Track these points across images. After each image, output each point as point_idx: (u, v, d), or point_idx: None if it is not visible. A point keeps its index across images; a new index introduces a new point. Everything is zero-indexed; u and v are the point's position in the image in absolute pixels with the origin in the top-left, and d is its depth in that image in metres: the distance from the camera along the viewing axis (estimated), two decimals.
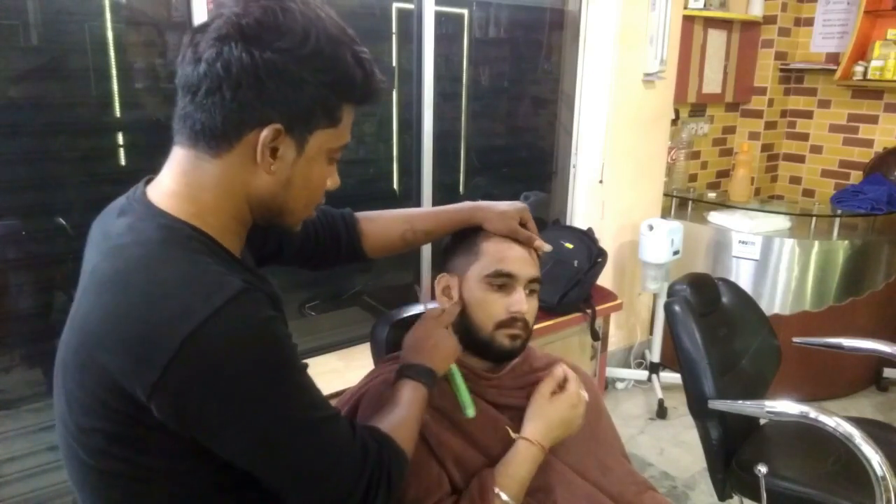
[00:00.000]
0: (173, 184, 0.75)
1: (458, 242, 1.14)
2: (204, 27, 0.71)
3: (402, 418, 0.88)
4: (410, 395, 0.93)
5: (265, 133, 0.71)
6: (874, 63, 3.17)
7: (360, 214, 1.14)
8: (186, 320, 0.64)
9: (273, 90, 0.70)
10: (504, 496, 0.97)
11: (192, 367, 0.64)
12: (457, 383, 1.05)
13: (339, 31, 0.74)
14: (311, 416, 0.73)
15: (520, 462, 1.01)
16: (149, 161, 1.91)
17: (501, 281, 1.07)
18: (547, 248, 1.14)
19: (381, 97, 0.80)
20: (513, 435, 1.03)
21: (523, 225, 1.11)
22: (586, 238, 2.47)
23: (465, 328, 1.09)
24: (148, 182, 0.79)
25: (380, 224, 1.14)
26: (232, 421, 0.67)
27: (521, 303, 1.07)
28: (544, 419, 1.04)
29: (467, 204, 1.14)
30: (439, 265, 1.17)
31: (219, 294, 0.66)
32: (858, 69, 3.23)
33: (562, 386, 1.09)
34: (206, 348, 0.64)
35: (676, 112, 3.23)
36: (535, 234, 1.12)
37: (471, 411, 1.03)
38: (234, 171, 0.73)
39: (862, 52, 3.26)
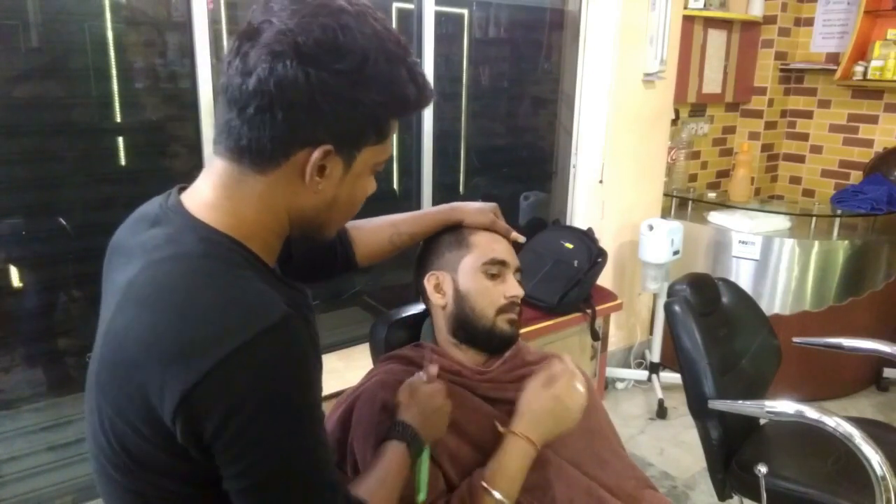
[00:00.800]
0: (213, 195, 0.72)
1: (440, 241, 1.16)
2: (253, 35, 0.67)
3: (389, 491, 0.87)
4: (402, 471, 0.90)
5: (315, 155, 0.69)
6: (874, 63, 3.17)
7: (347, 224, 1.14)
8: (218, 345, 0.62)
9: (327, 112, 0.67)
10: (497, 494, 0.96)
11: (216, 390, 0.62)
12: (422, 466, 0.98)
13: (396, 45, 0.71)
14: (313, 477, 0.70)
15: (508, 457, 0.99)
16: (148, 161, 1.92)
17: (496, 269, 1.12)
18: (521, 238, 1.22)
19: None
20: (500, 429, 1.02)
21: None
22: (586, 238, 2.47)
23: (463, 320, 1.12)
24: (181, 190, 0.77)
25: (367, 231, 1.17)
26: (242, 447, 0.65)
27: (517, 287, 1.14)
28: (530, 412, 1.03)
29: (445, 205, 1.20)
30: (419, 268, 1.19)
31: (256, 321, 0.64)
32: (858, 69, 3.23)
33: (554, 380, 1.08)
34: (232, 377, 0.62)
35: (676, 112, 3.23)
36: (507, 226, 1.20)
37: (422, 496, 0.97)
38: (278, 188, 0.71)
39: (862, 52, 3.26)
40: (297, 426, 0.67)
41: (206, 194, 0.73)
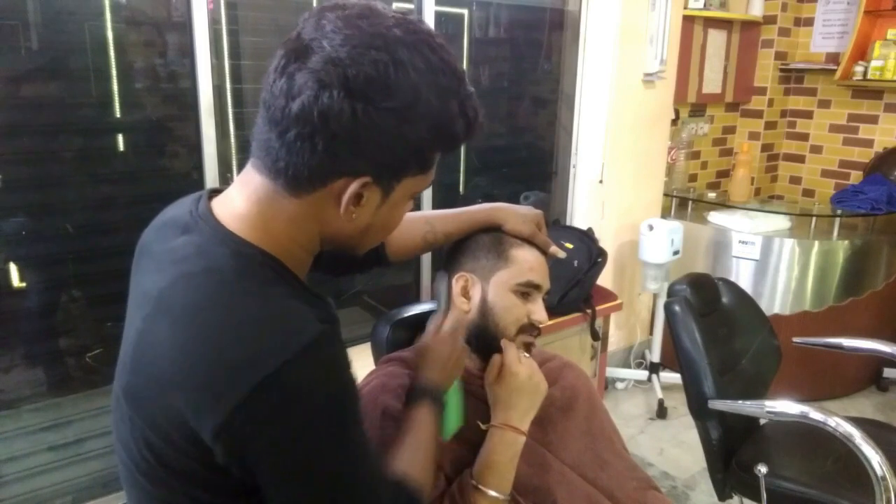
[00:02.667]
0: (246, 208, 0.71)
1: (478, 242, 1.12)
2: (301, 55, 0.64)
3: (426, 455, 0.88)
4: (430, 427, 0.91)
5: (353, 186, 0.67)
6: (874, 63, 3.17)
7: None
8: (259, 366, 0.61)
9: (370, 146, 0.65)
10: (490, 491, 0.95)
11: (259, 414, 0.61)
12: (457, 399, 1.02)
13: (450, 77, 0.68)
14: (362, 475, 0.71)
15: (493, 449, 0.98)
16: (149, 161, 1.92)
17: (528, 290, 1.09)
18: (561, 254, 1.17)
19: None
20: (482, 426, 1.01)
21: (538, 229, 1.14)
22: (586, 238, 2.47)
23: (483, 331, 1.09)
24: (211, 195, 0.76)
25: (401, 227, 1.14)
26: (286, 467, 0.65)
27: (543, 313, 1.10)
28: (500, 401, 1.02)
29: (486, 205, 1.15)
30: (449, 262, 1.15)
31: (295, 340, 0.63)
32: (858, 69, 3.23)
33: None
34: (273, 399, 0.61)
35: (676, 112, 3.22)
36: (548, 239, 1.15)
37: (452, 430, 1.00)
38: (312, 210, 0.70)
39: (862, 52, 3.26)
40: (342, 440, 0.67)
41: (239, 206, 0.71)
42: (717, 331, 1.76)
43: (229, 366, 0.62)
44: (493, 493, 0.95)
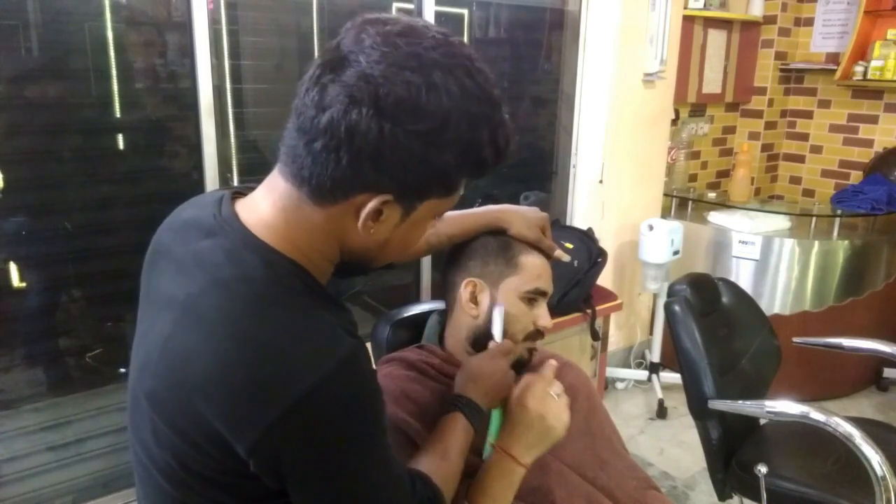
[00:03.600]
0: (272, 215, 0.71)
1: (486, 247, 1.11)
2: (337, 67, 0.64)
3: (449, 464, 0.88)
4: (463, 441, 0.92)
5: (372, 203, 0.67)
6: (874, 63, 3.17)
7: None
8: (296, 383, 0.62)
9: (394, 166, 0.65)
10: None
11: (296, 430, 0.63)
12: (498, 423, 1.00)
13: (485, 104, 0.67)
14: (388, 479, 0.73)
15: (489, 473, 0.95)
16: (149, 161, 1.92)
17: (536, 297, 1.09)
18: (566, 258, 1.17)
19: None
20: (489, 441, 0.98)
21: (542, 232, 1.14)
22: (586, 238, 2.47)
23: (486, 336, 1.08)
24: (233, 196, 0.76)
25: None
26: (319, 478, 0.67)
27: (548, 317, 1.10)
28: (508, 424, 0.98)
29: (491, 207, 1.14)
30: (453, 265, 1.14)
31: (330, 356, 0.64)
32: (858, 69, 3.23)
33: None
34: (312, 413, 0.63)
35: (676, 112, 3.22)
36: (553, 243, 1.15)
37: (489, 453, 0.97)
38: (333, 221, 0.70)
39: (862, 52, 3.26)
40: (372, 449, 0.69)
41: (265, 212, 0.71)
42: (717, 331, 1.76)
43: (266, 382, 0.63)
44: None
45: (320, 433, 0.64)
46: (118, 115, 1.84)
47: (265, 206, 0.72)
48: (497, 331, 1.03)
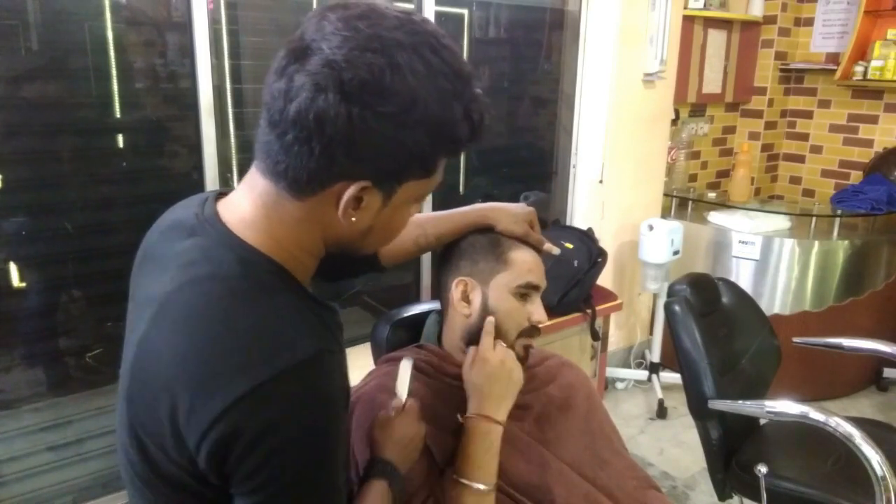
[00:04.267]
0: (252, 213, 0.71)
1: (474, 246, 1.11)
2: (301, 56, 0.63)
3: None
4: (383, 501, 0.89)
5: (351, 190, 0.66)
6: (874, 63, 3.17)
7: None
8: (246, 376, 0.61)
9: (367, 150, 0.64)
10: (475, 485, 0.93)
11: (239, 424, 0.61)
12: None
13: (453, 79, 0.66)
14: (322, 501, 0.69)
15: (469, 441, 0.96)
16: (149, 161, 1.92)
17: (528, 291, 1.09)
18: (556, 251, 1.17)
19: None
20: (460, 419, 1.00)
21: (531, 227, 1.13)
22: (586, 238, 2.47)
23: (480, 334, 1.07)
24: (218, 197, 0.75)
25: None
26: (255, 488, 0.64)
27: (543, 313, 1.10)
28: (474, 390, 1.00)
29: (476, 206, 1.14)
30: (444, 266, 1.14)
31: (286, 356, 0.63)
32: (858, 69, 3.23)
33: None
34: (257, 409, 0.61)
35: (676, 112, 3.22)
36: (541, 237, 1.14)
37: None
38: (314, 213, 0.70)
39: (862, 52, 3.26)
40: (316, 467, 0.66)
41: (245, 210, 0.71)
42: (717, 331, 1.76)
43: (221, 373, 0.62)
44: (476, 485, 0.94)
45: (263, 431, 0.62)
46: (118, 115, 1.84)
47: (245, 205, 0.71)
48: (403, 388, 0.96)
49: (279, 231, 0.70)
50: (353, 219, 0.70)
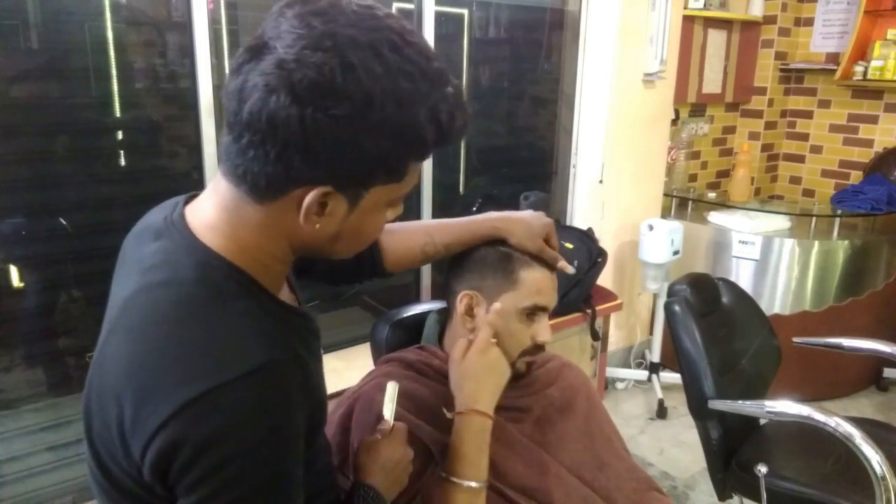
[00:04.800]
0: (214, 216, 0.68)
1: (485, 259, 1.07)
2: (257, 54, 0.60)
3: None
4: None
5: (311, 196, 0.63)
6: (874, 63, 3.17)
7: None
8: (189, 387, 0.59)
9: (324, 155, 0.61)
10: (465, 483, 0.91)
11: (182, 434, 0.59)
12: None
13: (416, 79, 0.62)
14: None
15: (462, 438, 0.94)
16: (148, 161, 1.92)
17: (535, 312, 1.06)
18: (570, 270, 1.12)
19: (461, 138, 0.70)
20: (447, 415, 0.97)
21: (547, 242, 1.08)
22: (586, 238, 2.47)
23: None
24: (189, 200, 0.73)
25: (399, 238, 1.08)
26: (198, 500, 0.61)
27: (548, 333, 1.07)
28: (467, 381, 0.97)
29: (490, 216, 1.09)
30: (452, 276, 1.12)
31: (234, 366, 0.60)
32: (858, 69, 3.23)
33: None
34: (200, 419, 0.59)
35: (676, 112, 3.22)
36: (557, 251, 1.10)
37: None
38: (276, 218, 0.66)
39: (862, 52, 3.26)
40: (264, 483, 0.62)
41: (208, 214, 0.69)
42: (717, 331, 1.76)
43: (162, 382, 0.60)
44: (469, 483, 0.91)
45: (207, 441, 0.59)
46: (118, 114, 1.84)
47: (209, 208, 0.69)
48: (389, 411, 0.92)
49: (242, 235, 0.68)
50: (317, 225, 0.66)
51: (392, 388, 0.93)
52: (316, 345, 0.77)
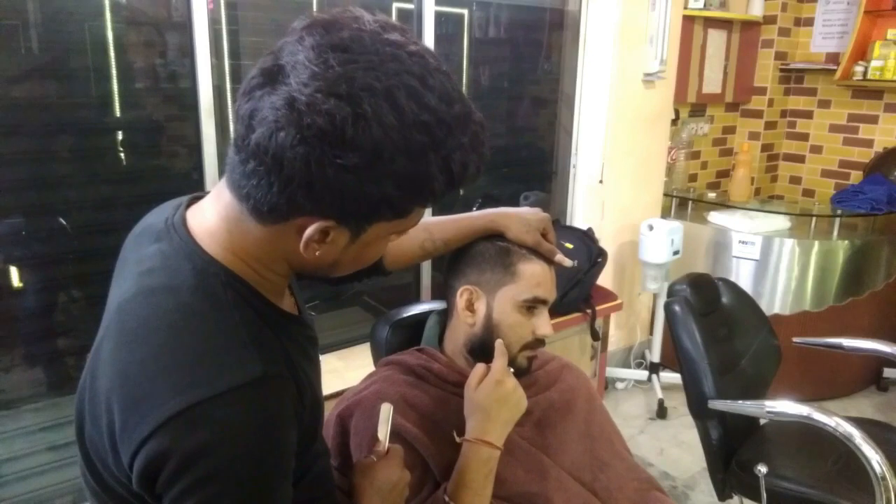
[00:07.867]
0: (216, 224, 0.68)
1: (483, 254, 1.08)
2: (272, 79, 0.59)
3: None
4: None
5: (314, 227, 0.62)
6: (874, 63, 3.17)
7: None
8: (179, 397, 0.58)
9: (328, 196, 0.60)
10: None
11: (170, 444, 0.58)
12: None
13: (431, 130, 0.60)
14: None
15: (468, 467, 0.94)
16: (148, 161, 1.92)
17: (534, 305, 1.06)
18: (567, 263, 1.12)
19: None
20: (457, 439, 0.97)
21: (544, 236, 1.08)
22: (586, 238, 2.47)
23: (486, 345, 1.06)
24: (191, 202, 0.73)
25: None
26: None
27: (548, 326, 1.07)
28: (479, 411, 0.97)
29: (487, 212, 1.09)
30: (452, 272, 1.12)
31: (227, 377, 0.60)
32: (858, 69, 3.23)
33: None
34: (189, 430, 0.58)
35: (676, 112, 3.23)
36: (554, 245, 1.10)
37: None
38: (276, 239, 0.66)
39: (862, 52, 3.26)
40: (248, 496, 0.62)
41: (210, 220, 0.68)
42: (717, 331, 1.76)
43: (153, 391, 0.60)
44: None
45: (195, 452, 0.58)
46: (118, 114, 1.84)
47: (210, 214, 0.69)
48: (384, 433, 0.90)
49: (241, 245, 0.67)
50: (318, 252, 0.65)
51: (386, 410, 0.91)
52: (313, 351, 0.77)
